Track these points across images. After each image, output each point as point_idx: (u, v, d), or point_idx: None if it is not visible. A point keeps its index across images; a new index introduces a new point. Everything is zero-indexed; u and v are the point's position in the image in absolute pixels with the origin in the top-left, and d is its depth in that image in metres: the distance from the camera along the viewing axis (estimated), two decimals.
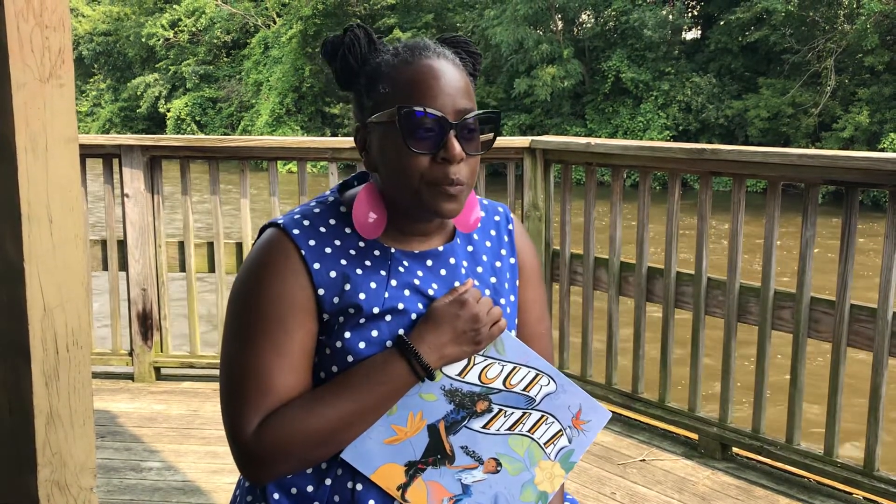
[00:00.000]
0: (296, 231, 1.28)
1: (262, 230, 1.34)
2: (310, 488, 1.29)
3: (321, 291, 1.26)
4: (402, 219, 1.32)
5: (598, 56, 25.24)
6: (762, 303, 3.07)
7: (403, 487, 1.29)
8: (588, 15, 26.38)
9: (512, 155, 3.85)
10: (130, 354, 4.05)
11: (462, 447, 1.32)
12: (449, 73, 1.26)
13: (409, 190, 1.26)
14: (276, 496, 1.29)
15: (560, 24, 25.69)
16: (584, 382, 3.71)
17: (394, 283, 1.30)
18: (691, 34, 26.47)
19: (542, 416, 1.35)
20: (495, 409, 1.33)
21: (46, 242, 1.33)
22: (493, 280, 1.41)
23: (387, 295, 1.29)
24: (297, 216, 1.31)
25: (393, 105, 1.25)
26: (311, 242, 1.28)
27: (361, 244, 1.31)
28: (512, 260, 1.45)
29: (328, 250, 1.29)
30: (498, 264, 1.43)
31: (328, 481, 1.28)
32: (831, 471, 2.92)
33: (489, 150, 1.32)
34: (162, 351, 4.07)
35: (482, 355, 1.32)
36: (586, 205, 3.66)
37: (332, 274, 1.27)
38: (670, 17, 24.34)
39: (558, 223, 3.83)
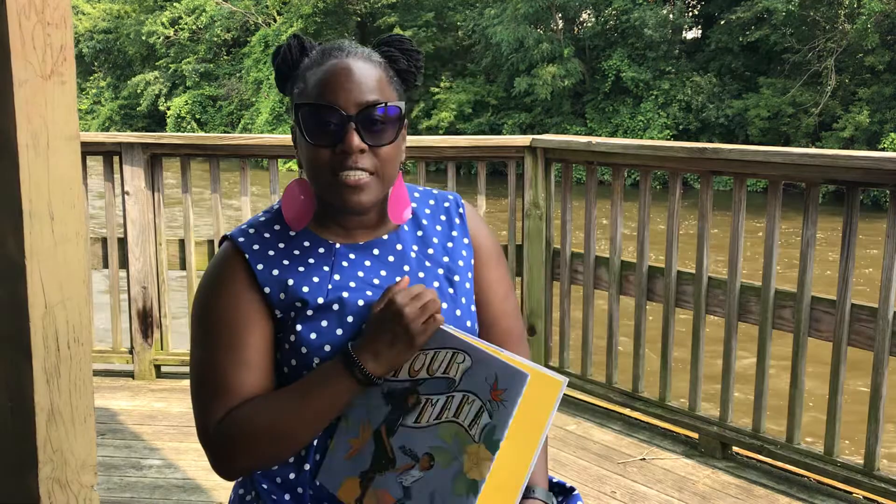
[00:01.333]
0: (241, 239, 1.38)
1: (220, 241, 1.44)
2: (291, 475, 1.35)
3: (267, 290, 1.34)
4: (337, 214, 1.39)
5: (599, 55, 25.23)
6: (763, 302, 3.07)
7: (359, 500, 1.30)
8: (588, 14, 26.37)
9: (513, 154, 3.85)
10: (131, 352, 4.05)
11: (401, 447, 1.29)
12: (356, 69, 1.32)
13: (317, 183, 1.34)
14: (264, 486, 1.36)
15: (560, 23, 25.68)
16: (585, 381, 3.71)
17: (337, 276, 1.36)
18: (692, 33, 26.46)
19: (465, 396, 1.25)
20: (423, 399, 1.28)
21: (48, 239, 1.33)
22: (445, 259, 1.44)
23: (330, 286, 1.34)
24: (243, 227, 1.41)
25: (295, 103, 1.34)
26: (255, 247, 1.37)
27: (306, 244, 1.39)
28: (465, 240, 1.48)
29: (271, 252, 1.37)
30: (450, 244, 1.46)
31: (307, 466, 1.34)
32: (831, 470, 2.92)
33: (393, 141, 1.34)
34: (162, 349, 4.06)
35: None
36: (587, 204, 3.66)
37: (275, 272, 1.35)
38: (671, 16, 24.34)
39: (559, 222, 3.82)
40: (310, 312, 1.32)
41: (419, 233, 1.45)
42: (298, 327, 1.32)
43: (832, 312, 2.90)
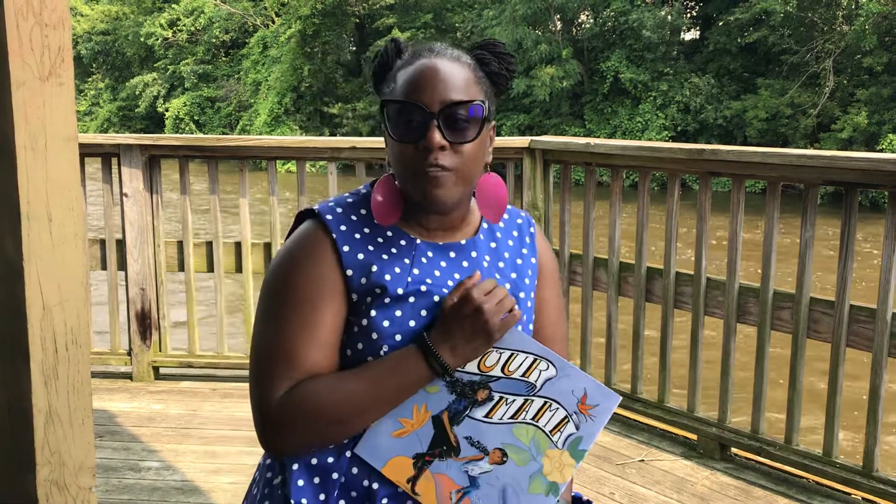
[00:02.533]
0: (328, 217, 1.38)
1: (298, 215, 1.44)
2: (330, 459, 1.34)
3: (349, 272, 1.34)
4: (420, 212, 1.40)
5: (597, 56, 25.24)
6: (761, 303, 3.07)
7: (413, 480, 1.30)
8: (587, 15, 26.39)
9: (511, 155, 3.85)
10: (129, 354, 4.05)
11: (466, 438, 1.32)
12: (442, 68, 1.34)
13: (402, 179, 1.36)
14: (294, 467, 1.34)
15: (559, 25, 25.70)
16: None
17: (416, 271, 1.38)
18: (690, 35, 26.49)
19: (546, 402, 1.33)
20: (496, 396, 1.33)
21: (46, 241, 1.33)
22: (513, 275, 1.47)
23: (409, 279, 1.36)
24: (331, 204, 1.41)
25: (381, 100, 1.36)
26: (343, 227, 1.37)
27: (389, 233, 1.40)
28: (533, 259, 1.51)
29: (357, 236, 1.37)
30: (519, 262, 1.49)
31: (348, 454, 1.33)
32: (830, 471, 2.92)
33: (475, 138, 1.35)
34: (160, 350, 4.06)
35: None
36: (586, 205, 3.66)
37: (360, 256, 1.36)
38: (669, 17, 24.37)
39: (557, 223, 3.82)
40: (387, 300, 1.33)
41: (493, 244, 1.47)
42: (373, 313, 1.33)
43: (831, 313, 2.90)
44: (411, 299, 1.34)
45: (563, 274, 3.78)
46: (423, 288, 1.36)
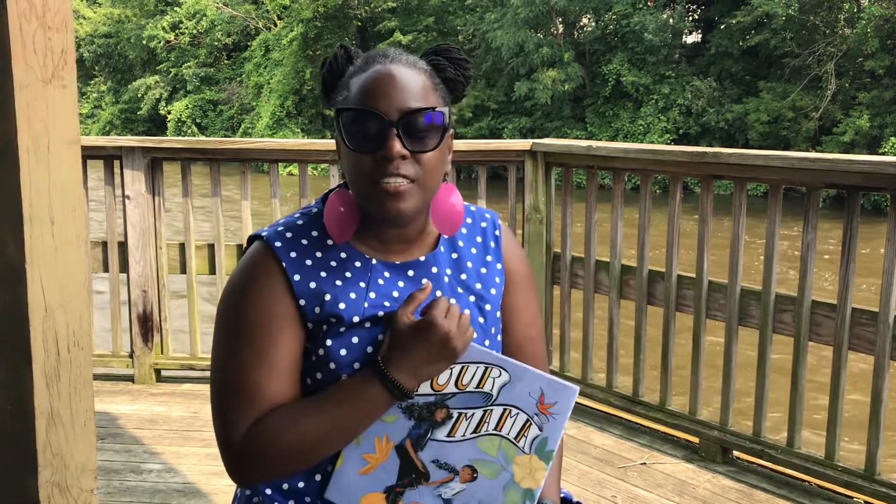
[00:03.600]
0: (278, 244, 1.33)
1: (248, 240, 1.39)
2: (300, 484, 1.33)
3: (302, 302, 1.31)
4: (377, 226, 1.35)
5: (599, 59, 25.26)
6: (763, 306, 3.07)
7: None
8: (589, 18, 26.40)
9: (513, 158, 3.85)
10: (131, 356, 4.05)
11: (433, 461, 1.29)
12: (399, 75, 1.29)
13: (358, 190, 1.30)
14: (267, 491, 1.34)
15: (560, 28, 25.71)
16: (585, 385, 3.71)
17: (372, 294, 1.33)
18: (692, 38, 26.49)
19: (505, 409, 1.30)
20: (455, 414, 1.30)
21: (48, 243, 1.33)
22: (478, 286, 1.42)
23: (366, 305, 1.32)
24: (280, 228, 1.35)
25: (336, 108, 1.32)
26: (293, 255, 1.32)
27: (343, 255, 1.35)
28: (499, 265, 1.46)
29: (309, 262, 1.33)
30: (483, 270, 1.44)
31: (318, 477, 1.33)
32: (832, 475, 2.91)
33: (436, 147, 1.30)
34: (162, 353, 4.06)
35: None
36: (587, 208, 3.66)
37: (312, 285, 1.31)
38: (671, 20, 24.37)
39: (559, 226, 3.82)
40: (342, 329, 1.30)
41: (454, 255, 1.42)
42: (329, 342, 1.30)
43: (833, 316, 2.90)
44: (368, 324, 1.31)
45: (564, 276, 3.78)
46: (380, 313, 1.32)
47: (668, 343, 3.40)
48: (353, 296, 1.32)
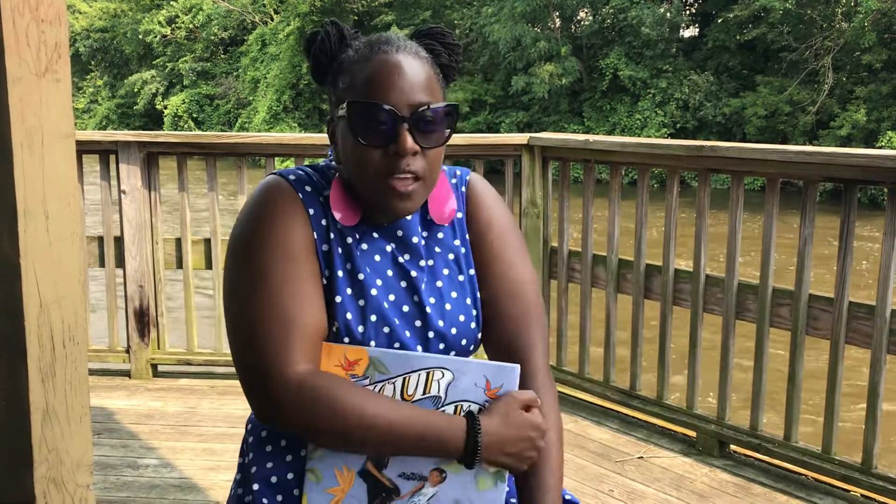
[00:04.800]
0: (292, 177, 1.35)
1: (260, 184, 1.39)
2: (289, 476, 1.34)
3: (315, 235, 1.32)
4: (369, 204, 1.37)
5: (596, 53, 25.24)
6: (760, 300, 3.07)
7: None
8: (586, 12, 26.37)
9: (510, 152, 3.84)
10: (127, 351, 4.04)
11: (400, 475, 1.29)
12: (407, 67, 1.28)
13: (364, 183, 1.30)
14: (255, 486, 1.34)
15: (558, 22, 25.68)
16: (582, 380, 3.71)
17: (364, 246, 1.35)
18: (689, 32, 26.48)
19: (456, 406, 1.30)
20: None
21: (43, 238, 1.32)
22: (456, 242, 1.42)
23: (358, 254, 1.34)
24: (292, 169, 1.39)
25: (346, 100, 1.30)
26: (307, 188, 1.35)
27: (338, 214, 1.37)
28: (460, 214, 1.44)
29: (320, 200, 1.35)
30: (457, 227, 1.44)
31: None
32: (829, 468, 2.92)
33: (443, 143, 1.32)
34: (159, 348, 4.06)
35: (372, 383, 1.28)
36: (584, 202, 3.66)
37: (323, 222, 1.34)
38: (668, 14, 24.35)
39: (556, 220, 3.82)
40: (339, 273, 1.31)
41: (428, 216, 1.41)
42: (331, 287, 1.32)
43: (830, 310, 2.90)
44: (360, 276, 1.33)
45: (561, 271, 3.78)
46: (369, 268, 1.34)
47: (665, 337, 3.40)
48: (349, 240, 1.34)
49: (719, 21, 24.11)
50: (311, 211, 1.32)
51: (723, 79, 23.69)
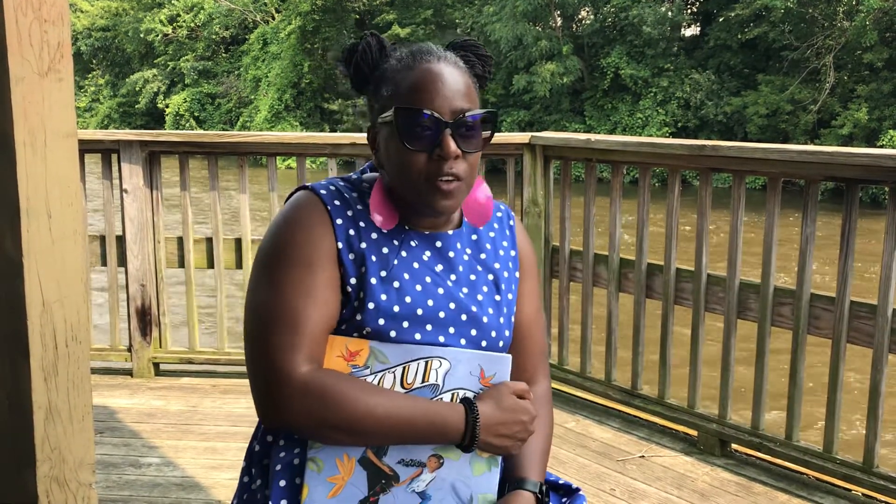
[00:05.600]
0: (323, 191, 1.40)
1: (291, 194, 1.45)
2: (297, 461, 1.37)
3: (340, 245, 1.36)
4: (411, 209, 1.42)
5: (598, 52, 25.22)
6: (762, 299, 3.07)
7: None
8: (587, 11, 26.35)
9: (511, 151, 3.84)
10: (129, 350, 4.05)
11: (399, 461, 1.34)
12: (448, 75, 1.37)
13: (409, 186, 1.37)
14: (277, 467, 1.37)
15: (559, 21, 25.66)
16: (584, 379, 3.71)
17: (404, 253, 1.40)
18: (690, 31, 26.45)
19: (453, 394, 1.36)
20: None
21: (45, 237, 1.32)
22: (496, 265, 1.50)
23: (396, 262, 1.38)
24: (324, 182, 1.44)
25: (394, 106, 1.36)
26: (336, 202, 1.39)
27: (378, 217, 1.42)
28: (513, 252, 1.54)
29: (349, 213, 1.39)
30: (501, 253, 1.52)
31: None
32: (830, 467, 2.92)
33: (486, 146, 1.42)
34: (161, 347, 4.06)
35: (372, 373, 1.33)
36: (586, 201, 3.66)
37: (351, 232, 1.38)
38: (669, 13, 24.32)
39: (558, 219, 3.82)
40: (373, 281, 1.35)
41: (474, 237, 1.50)
42: (361, 294, 1.35)
43: (831, 309, 2.90)
44: (396, 284, 1.36)
45: (563, 270, 3.78)
46: (406, 275, 1.38)
47: (666, 336, 3.40)
48: (385, 250, 1.39)
49: (721, 20, 24.08)
50: (339, 221, 1.37)
51: (724, 78, 23.67)
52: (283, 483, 1.35)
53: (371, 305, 1.34)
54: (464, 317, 1.41)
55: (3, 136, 1.27)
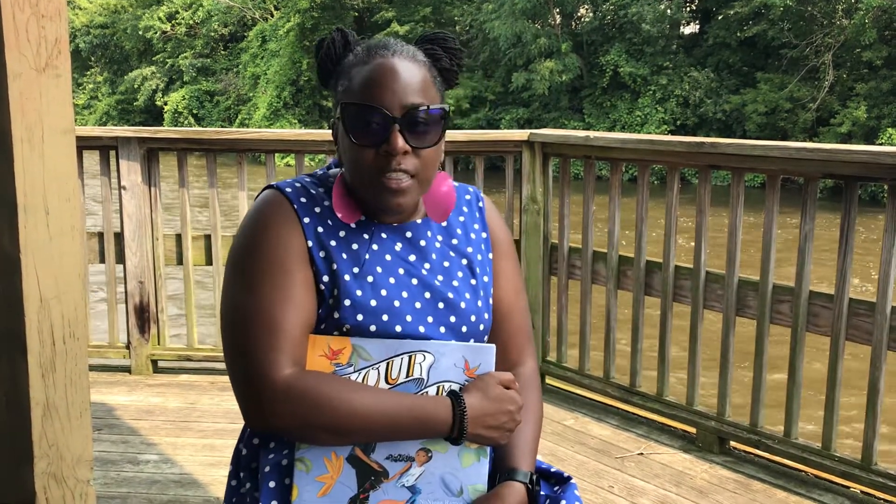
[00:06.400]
0: (288, 189, 1.39)
1: (259, 194, 1.44)
2: (285, 462, 1.37)
3: (310, 243, 1.35)
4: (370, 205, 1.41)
5: (597, 50, 25.20)
6: (761, 297, 3.07)
7: None
8: (586, 9, 26.34)
9: (510, 148, 3.84)
10: (128, 347, 4.04)
11: (387, 457, 1.33)
12: (402, 70, 1.34)
13: (359, 182, 1.36)
14: (266, 469, 1.37)
15: (558, 18, 25.64)
16: (582, 376, 3.71)
17: (375, 247, 1.39)
18: (689, 29, 26.44)
19: (438, 387, 1.36)
20: None
21: (42, 234, 1.32)
22: (469, 249, 1.49)
23: (367, 257, 1.37)
24: (289, 181, 1.43)
25: (341, 102, 1.36)
26: (303, 200, 1.38)
27: None
28: (484, 234, 1.53)
29: (317, 209, 1.38)
30: (472, 236, 1.51)
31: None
32: (829, 465, 2.92)
33: (437, 143, 1.37)
34: (159, 344, 4.06)
35: (356, 370, 1.33)
36: (585, 198, 3.65)
37: (320, 229, 1.37)
38: (668, 11, 24.32)
39: (557, 217, 3.82)
40: (346, 277, 1.34)
41: (444, 223, 1.48)
42: (335, 291, 1.34)
43: (830, 307, 2.90)
44: (370, 278, 1.36)
45: (562, 267, 3.78)
46: (379, 269, 1.37)
47: (665, 334, 3.40)
48: (355, 246, 1.37)
49: (720, 18, 24.07)
50: (307, 220, 1.36)
51: (723, 75, 23.66)
52: (272, 484, 1.34)
53: (347, 302, 1.33)
54: (441, 305, 1.40)
55: (1, 132, 1.27)
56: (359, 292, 1.34)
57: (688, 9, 25.90)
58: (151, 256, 3.98)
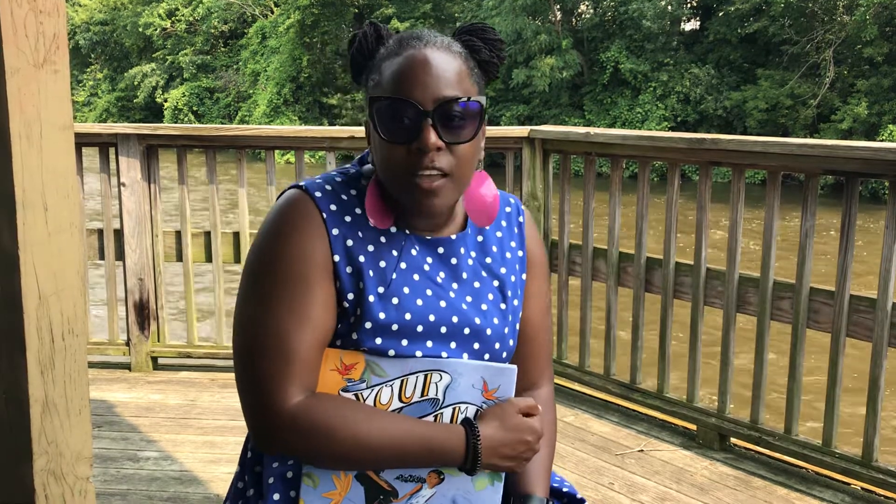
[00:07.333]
0: (318, 194, 1.28)
1: (283, 192, 1.33)
2: (290, 474, 1.31)
3: (336, 258, 1.26)
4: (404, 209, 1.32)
5: (597, 47, 25.19)
6: (761, 293, 3.06)
7: None
8: (587, 5, 26.32)
9: (511, 145, 3.83)
10: (127, 344, 4.04)
11: (397, 477, 1.28)
12: (435, 62, 1.24)
13: (392, 182, 1.26)
14: (269, 480, 1.31)
15: (559, 15, 25.62)
16: (583, 373, 3.71)
17: (403, 265, 1.30)
18: (690, 25, 26.42)
19: (454, 408, 1.29)
20: None
21: (41, 230, 1.31)
22: (502, 271, 1.40)
23: (394, 276, 1.29)
24: (319, 181, 1.31)
25: (369, 96, 1.27)
26: (333, 207, 1.28)
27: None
28: (520, 252, 1.44)
29: (347, 219, 1.29)
30: (508, 255, 1.42)
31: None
32: (829, 461, 2.91)
33: (472, 138, 1.27)
34: (159, 341, 4.05)
35: (369, 386, 1.27)
36: (585, 195, 3.65)
37: (349, 243, 1.27)
38: (669, 7, 24.30)
39: (557, 213, 3.81)
40: (371, 298, 1.26)
41: (479, 238, 1.39)
42: (359, 311, 1.26)
43: (831, 304, 2.89)
44: (395, 300, 1.28)
45: (562, 264, 3.78)
46: (406, 289, 1.29)
47: (665, 330, 3.39)
48: (382, 264, 1.29)
49: (720, 14, 24.05)
50: (335, 231, 1.26)
51: (724, 72, 23.65)
52: (277, 496, 1.30)
53: (368, 325, 1.25)
54: (466, 330, 1.32)
55: None
56: (382, 315, 1.26)
57: (688, 5, 25.88)
58: (151, 253, 3.97)
